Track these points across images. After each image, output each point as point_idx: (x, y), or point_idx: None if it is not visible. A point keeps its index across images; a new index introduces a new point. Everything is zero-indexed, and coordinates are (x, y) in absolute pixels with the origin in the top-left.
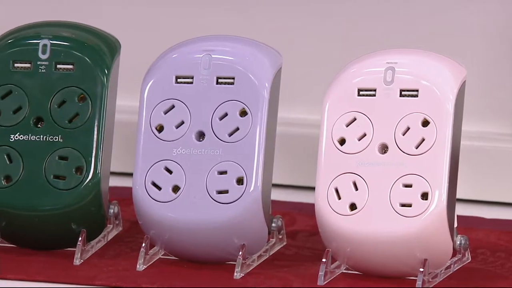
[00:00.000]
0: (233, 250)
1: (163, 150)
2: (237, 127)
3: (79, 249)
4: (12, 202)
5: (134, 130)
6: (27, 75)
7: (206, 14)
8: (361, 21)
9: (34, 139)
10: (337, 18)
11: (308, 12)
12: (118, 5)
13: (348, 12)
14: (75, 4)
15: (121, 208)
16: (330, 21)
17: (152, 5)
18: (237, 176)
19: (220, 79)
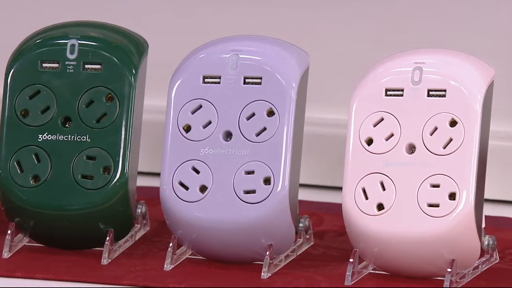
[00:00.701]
0: (260, 250)
1: (191, 150)
2: (264, 127)
3: (107, 248)
4: (40, 202)
5: (162, 130)
6: (55, 75)
7: (233, 14)
8: (389, 21)
9: (62, 139)
10: (365, 18)
11: (336, 12)
12: (146, 5)
13: (376, 12)
14: (103, 4)
15: (148, 207)
16: (358, 21)
17: (180, 5)
18: (264, 176)
19: (247, 79)
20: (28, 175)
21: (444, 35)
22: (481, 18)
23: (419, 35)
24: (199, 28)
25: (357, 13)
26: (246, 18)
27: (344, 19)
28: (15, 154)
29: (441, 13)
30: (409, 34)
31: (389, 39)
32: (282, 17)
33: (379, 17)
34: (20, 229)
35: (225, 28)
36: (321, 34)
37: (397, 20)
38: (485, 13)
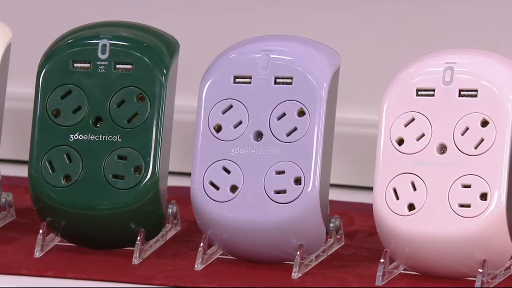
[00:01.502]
0: (291, 250)
1: (221, 150)
2: (295, 127)
3: (138, 248)
4: (72, 202)
5: (193, 130)
6: (86, 75)
7: (264, 14)
8: (420, 21)
9: (93, 139)
10: (396, 17)
11: (367, 12)
12: (177, 5)
13: (406, 12)
14: (134, 4)
15: (179, 207)
16: (389, 21)
17: (211, 5)
18: (295, 176)
19: (278, 79)
20: (59, 175)
21: (475, 35)
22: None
23: (451, 34)
24: (230, 28)
25: (389, 13)
26: (276, 18)
27: (376, 19)
28: (46, 154)
29: (473, 12)
30: (441, 34)
31: (420, 39)
32: (313, 17)
33: (411, 16)
34: (51, 229)
35: (256, 28)
36: (352, 33)
37: (428, 20)
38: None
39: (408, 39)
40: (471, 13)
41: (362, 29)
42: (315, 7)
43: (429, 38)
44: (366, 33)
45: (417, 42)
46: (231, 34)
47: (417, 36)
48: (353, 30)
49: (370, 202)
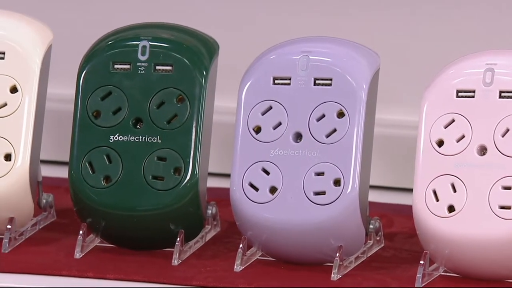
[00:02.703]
0: (330, 251)
1: (261, 151)
2: (335, 128)
3: (177, 249)
4: (112, 203)
5: (232, 131)
6: (126, 76)
7: (304, 15)
8: (460, 22)
9: (133, 140)
10: (436, 18)
11: (406, 12)
12: (217, 6)
13: (446, 12)
14: (174, 5)
15: (219, 208)
16: (429, 21)
17: (250, 6)
18: (334, 178)
19: (317, 80)
20: (99, 176)
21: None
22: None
23: (491, 36)
24: (270, 29)
25: (428, 14)
26: (316, 19)
27: (415, 20)
28: (87, 155)
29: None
30: (481, 35)
31: (460, 40)
32: (353, 18)
33: (450, 17)
34: (91, 230)
35: (295, 30)
36: (392, 34)
37: (468, 21)
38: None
39: (448, 40)
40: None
41: (402, 30)
42: (355, 8)
43: (470, 39)
44: (406, 34)
45: (458, 43)
46: (271, 35)
47: (458, 37)
48: (393, 31)
49: (409, 204)
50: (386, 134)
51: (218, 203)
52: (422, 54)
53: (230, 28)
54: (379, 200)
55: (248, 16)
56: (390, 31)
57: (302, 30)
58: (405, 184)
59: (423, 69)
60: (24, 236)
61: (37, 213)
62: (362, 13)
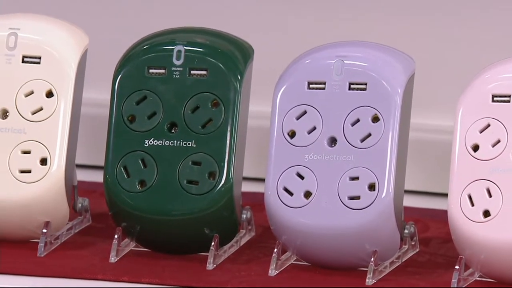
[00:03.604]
0: (365, 256)
1: (295, 156)
2: (369, 133)
3: (212, 254)
4: (147, 207)
5: (267, 136)
6: (161, 81)
7: (338, 20)
8: (497, 26)
9: (168, 144)
10: (471, 22)
11: (442, 16)
12: (252, 11)
13: (482, 16)
14: (209, 10)
15: (253, 213)
16: (464, 25)
17: (285, 11)
18: (369, 182)
19: (352, 85)
20: (134, 180)
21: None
22: None
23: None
24: (305, 34)
25: (464, 18)
26: (351, 24)
27: (451, 24)
28: (122, 159)
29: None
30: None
31: (496, 45)
32: (387, 23)
33: (486, 21)
34: (126, 234)
35: (330, 34)
36: (427, 39)
37: (504, 25)
38: None
39: (484, 45)
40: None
41: (438, 34)
42: (389, 12)
43: (506, 44)
44: (442, 38)
45: (494, 47)
46: (306, 40)
47: (494, 42)
48: (428, 35)
49: (445, 209)
50: (421, 139)
51: (253, 208)
52: (457, 59)
53: (265, 33)
54: (414, 205)
55: (283, 21)
56: (426, 35)
57: (336, 34)
58: (440, 189)
59: (459, 74)
60: (60, 240)
61: (72, 217)
62: (397, 18)
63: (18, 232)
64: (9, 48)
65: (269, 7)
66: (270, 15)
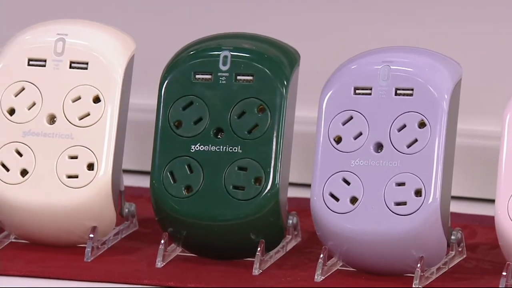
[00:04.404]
0: (412, 262)
1: (341, 161)
2: (416, 138)
3: (258, 259)
4: (193, 212)
5: (313, 141)
6: (207, 86)
7: (384, 25)
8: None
9: (214, 150)
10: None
11: (488, 21)
12: (298, 16)
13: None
14: (255, 15)
15: (300, 218)
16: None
17: (331, 17)
18: (415, 188)
19: (398, 90)
20: (181, 186)
21: None
22: None
23: None
24: (351, 40)
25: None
26: (397, 29)
27: (497, 29)
28: (168, 164)
29: None
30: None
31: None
32: (434, 28)
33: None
34: (173, 239)
35: (376, 40)
36: (474, 44)
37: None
38: None
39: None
40: None
41: (484, 39)
42: (436, 17)
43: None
44: (489, 43)
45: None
46: (352, 45)
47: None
48: (475, 40)
49: (492, 215)
50: (468, 145)
51: (299, 213)
52: (504, 64)
53: (311, 38)
54: (461, 211)
55: (329, 26)
56: (473, 40)
57: (383, 40)
58: (487, 195)
59: (506, 79)
60: (107, 245)
61: (119, 223)
62: (443, 23)
63: (65, 237)
64: (57, 54)
65: (316, 12)
66: (316, 20)
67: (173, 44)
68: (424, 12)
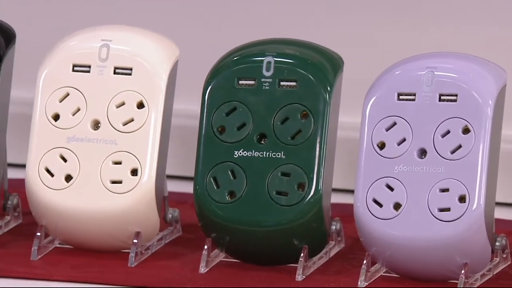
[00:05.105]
0: (456, 269)
1: (385, 167)
2: (460, 144)
3: (301, 265)
4: (236, 218)
5: (356, 147)
6: (251, 92)
7: (428, 31)
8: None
9: (258, 155)
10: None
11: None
12: (341, 22)
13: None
14: (299, 21)
15: (343, 224)
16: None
17: (374, 22)
18: (459, 194)
19: (442, 96)
20: (224, 191)
21: None
22: None
23: None
24: (394, 45)
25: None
26: (441, 35)
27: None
28: (211, 170)
29: None
30: None
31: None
32: (478, 34)
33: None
34: (216, 245)
35: (419, 45)
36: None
37: None
38: None
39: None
40: None
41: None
42: (480, 23)
43: None
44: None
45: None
46: (396, 51)
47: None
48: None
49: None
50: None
51: (342, 219)
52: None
53: (354, 44)
54: (506, 217)
55: (373, 32)
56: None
57: (427, 45)
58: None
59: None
60: (150, 251)
61: (163, 228)
62: (487, 28)
63: (109, 242)
64: (101, 60)
65: (359, 18)
66: (359, 26)
67: (217, 49)
68: (468, 18)
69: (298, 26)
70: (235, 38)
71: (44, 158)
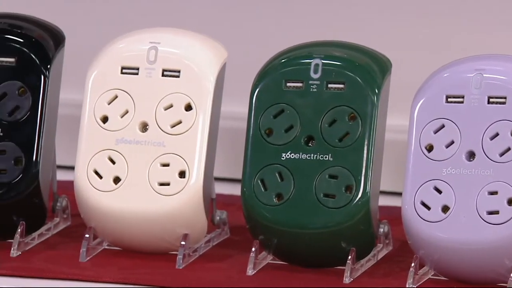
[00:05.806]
0: (504, 271)
1: (433, 170)
2: (509, 147)
3: (349, 267)
4: (284, 220)
5: (404, 150)
6: (298, 94)
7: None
8: None
9: (305, 158)
10: None
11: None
12: (390, 25)
13: None
14: (347, 24)
15: (391, 227)
16: None
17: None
18: (508, 197)
19: (491, 99)
20: (271, 194)
21: None
22: None
23: None
24: (443, 48)
25: None
26: (490, 37)
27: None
28: (259, 172)
29: None
30: None
31: None
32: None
33: None
34: (264, 247)
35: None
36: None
37: None
38: None
39: None
40: None
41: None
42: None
43: None
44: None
45: None
46: (444, 53)
47: None
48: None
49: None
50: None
51: (390, 222)
52: None
53: (403, 46)
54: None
55: (421, 35)
56: None
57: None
58: None
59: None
60: (198, 253)
61: (210, 230)
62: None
63: (157, 244)
64: (149, 62)
65: (407, 21)
66: (408, 29)
67: (265, 52)
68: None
69: (346, 28)
70: (283, 40)
71: (93, 160)
